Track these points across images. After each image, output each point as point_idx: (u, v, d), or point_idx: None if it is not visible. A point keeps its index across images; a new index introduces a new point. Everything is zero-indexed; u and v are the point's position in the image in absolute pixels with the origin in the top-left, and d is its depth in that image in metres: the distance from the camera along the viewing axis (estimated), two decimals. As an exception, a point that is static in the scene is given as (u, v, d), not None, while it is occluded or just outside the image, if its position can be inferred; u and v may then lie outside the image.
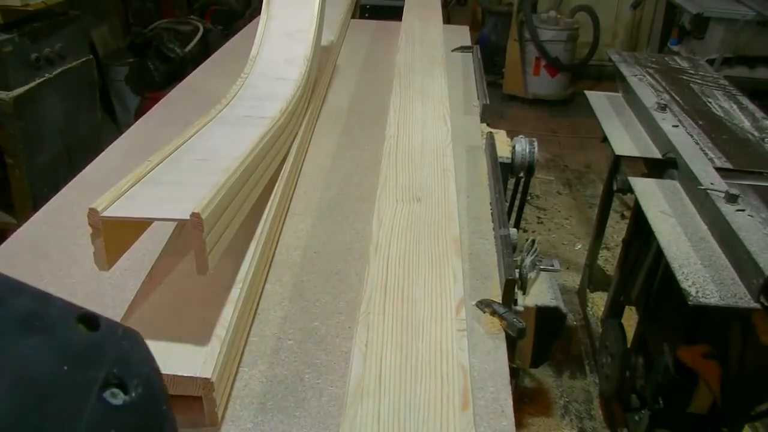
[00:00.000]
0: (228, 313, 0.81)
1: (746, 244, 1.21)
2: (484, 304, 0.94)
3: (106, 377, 0.30)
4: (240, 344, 0.85)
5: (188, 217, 0.71)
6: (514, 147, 1.47)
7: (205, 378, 0.71)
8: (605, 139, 1.89)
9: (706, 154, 1.61)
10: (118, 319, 0.78)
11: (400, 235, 1.00)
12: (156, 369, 0.33)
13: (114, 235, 0.75)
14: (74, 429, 0.28)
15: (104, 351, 0.31)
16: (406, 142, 1.29)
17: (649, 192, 1.54)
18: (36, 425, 0.27)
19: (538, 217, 3.42)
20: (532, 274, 1.10)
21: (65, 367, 0.30)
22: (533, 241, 1.14)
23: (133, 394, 0.31)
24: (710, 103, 1.99)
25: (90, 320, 0.31)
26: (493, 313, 0.92)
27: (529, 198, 3.30)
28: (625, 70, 2.21)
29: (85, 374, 0.30)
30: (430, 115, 1.41)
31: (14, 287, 0.31)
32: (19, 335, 0.30)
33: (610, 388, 2.05)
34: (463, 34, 2.33)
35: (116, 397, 0.30)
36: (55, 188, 1.23)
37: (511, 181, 1.63)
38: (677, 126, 1.74)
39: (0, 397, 0.27)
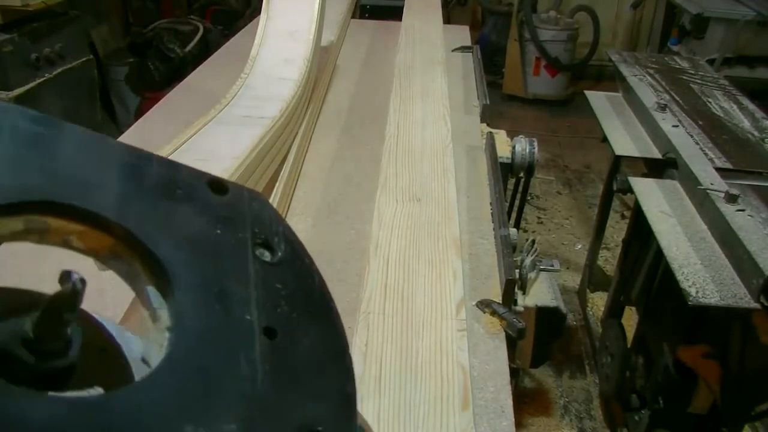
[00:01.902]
0: (228, 313, 0.80)
1: (746, 244, 1.21)
2: (484, 304, 0.94)
3: (253, 237, 0.31)
4: (240, 344, 0.84)
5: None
6: (514, 147, 1.47)
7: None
8: (605, 139, 1.89)
9: (706, 154, 1.61)
10: (117, 320, 0.78)
11: (400, 235, 1.00)
12: (288, 227, 0.34)
13: (114, 235, 0.75)
14: (250, 285, 0.29)
15: (241, 212, 0.32)
16: (406, 142, 1.29)
17: (649, 192, 1.54)
18: (219, 287, 0.29)
19: (538, 217, 3.42)
20: (532, 274, 1.10)
21: (218, 231, 0.31)
22: (533, 241, 1.14)
23: (279, 252, 0.32)
24: (710, 103, 1.99)
25: (218, 185, 0.32)
26: (493, 313, 0.92)
27: (529, 198, 3.30)
28: (625, 70, 2.21)
29: (235, 236, 0.31)
30: (430, 115, 1.41)
31: (143, 155, 0.33)
32: (170, 202, 0.31)
33: (610, 388, 2.05)
34: (463, 34, 2.33)
35: (265, 256, 0.32)
36: (55, 188, 1.23)
37: (511, 181, 1.63)
38: (677, 126, 1.74)
39: (186, 260, 0.29)
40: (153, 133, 1.46)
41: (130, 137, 1.46)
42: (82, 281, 0.27)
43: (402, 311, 0.84)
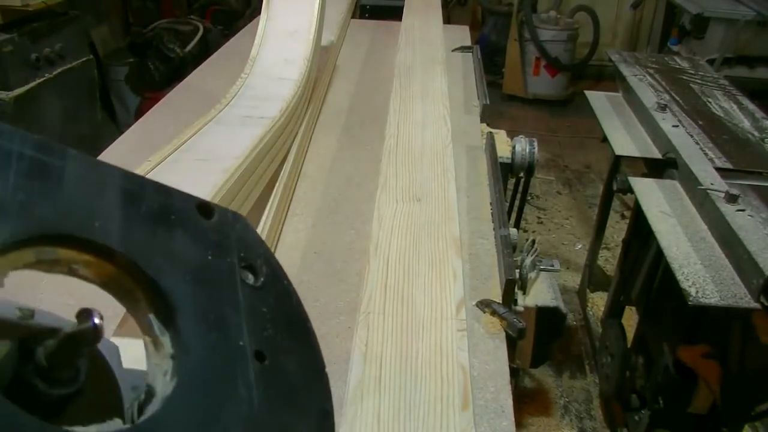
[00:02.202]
0: (228, 313, 0.80)
1: (746, 244, 1.21)
2: (484, 304, 0.94)
3: (239, 261, 0.32)
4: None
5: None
6: (514, 147, 1.47)
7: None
8: (605, 139, 1.89)
9: (706, 154, 1.61)
10: (117, 321, 0.78)
11: (400, 235, 1.00)
12: (268, 249, 0.34)
13: (114, 235, 0.74)
14: (240, 311, 0.30)
15: (228, 235, 0.33)
16: (406, 142, 1.29)
17: (649, 192, 1.54)
18: (216, 314, 0.30)
19: (538, 217, 3.42)
20: (532, 274, 1.10)
21: (209, 257, 0.32)
22: (533, 241, 1.14)
23: (261, 276, 0.33)
24: (710, 103, 1.99)
25: (205, 208, 0.33)
26: (493, 313, 0.92)
27: (529, 198, 3.30)
28: (625, 70, 2.21)
29: (224, 261, 0.32)
30: (430, 115, 1.41)
31: (137, 180, 0.33)
32: (165, 229, 0.32)
33: (610, 388, 2.05)
34: (463, 34, 2.33)
35: (249, 279, 0.32)
36: (55, 188, 1.22)
37: (511, 181, 1.62)
38: (677, 126, 1.74)
39: (184, 289, 0.30)
40: (153, 133, 1.46)
41: (130, 137, 1.46)
42: (102, 318, 0.28)
43: (402, 311, 0.84)
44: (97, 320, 0.27)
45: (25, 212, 0.28)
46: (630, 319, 2.27)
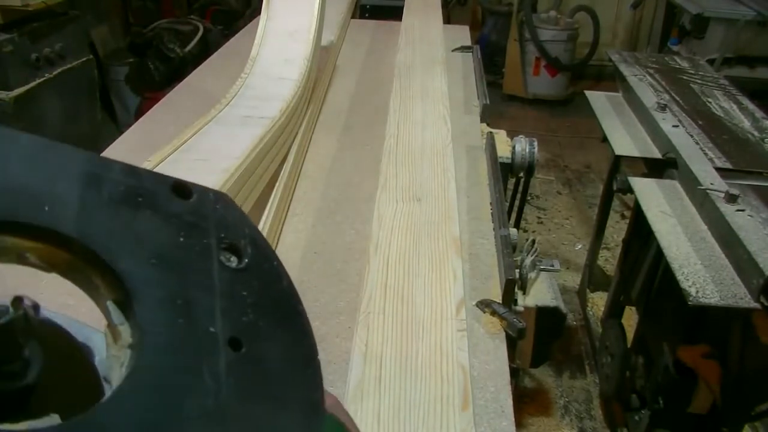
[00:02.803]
0: (228, 313, 0.80)
1: (746, 244, 1.21)
2: (484, 304, 0.94)
3: (217, 242, 0.30)
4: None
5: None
6: (514, 147, 1.47)
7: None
8: (605, 139, 1.89)
9: (706, 154, 1.61)
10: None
11: (400, 235, 1.00)
12: (255, 228, 0.33)
13: (114, 235, 0.75)
14: (214, 295, 0.28)
15: (205, 216, 0.31)
16: (406, 142, 1.29)
17: (649, 192, 1.54)
18: (182, 299, 0.28)
19: (538, 217, 3.42)
20: (532, 274, 1.10)
21: (181, 239, 0.30)
22: (533, 241, 1.14)
23: (245, 257, 0.31)
24: (710, 103, 1.99)
25: (182, 189, 0.32)
26: (493, 313, 0.92)
27: (529, 198, 3.30)
28: (625, 70, 2.21)
29: (199, 242, 0.30)
30: (430, 115, 1.41)
31: (103, 163, 0.32)
32: (130, 211, 0.30)
33: (610, 388, 2.05)
34: (463, 34, 2.33)
35: (231, 261, 0.31)
36: (55, 188, 1.22)
37: (511, 181, 1.62)
38: (677, 126, 1.74)
39: (147, 273, 0.28)
40: (153, 133, 1.46)
41: (130, 137, 1.46)
42: (35, 307, 0.26)
43: (402, 311, 0.84)
44: (28, 304, 0.26)
45: None
46: (630, 319, 2.27)
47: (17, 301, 0.26)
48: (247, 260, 0.31)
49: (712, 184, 1.42)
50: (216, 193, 0.33)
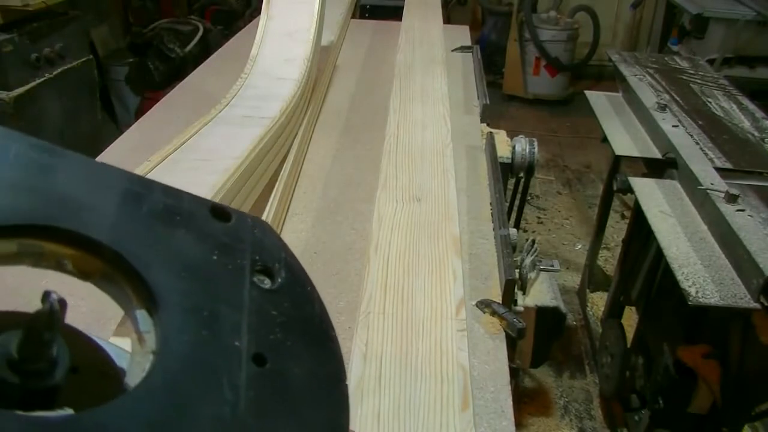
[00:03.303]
0: (228, 313, 0.80)
1: (746, 244, 1.21)
2: (484, 304, 0.94)
3: (252, 264, 0.32)
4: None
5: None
6: (514, 147, 1.47)
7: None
8: (605, 139, 1.89)
9: (706, 154, 1.61)
10: (117, 321, 0.78)
11: (400, 235, 1.00)
12: (291, 254, 0.34)
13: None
14: (243, 312, 0.29)
15: (242, 239, 0.33)
16: (406, 142, 1.29)
17: (649, 192, 1.54)
18: (213, 310, 0.29)
19: (538, 217, 3.42)
20: (532, 274, 1.10)
21: (215, 257, 0.32)
22: (533, 241, 1.14)
23: (279, 279, 0.32)
24: (710, 103, 1.99)
25: (221, 212, 0.33)
26: (493, 313, 0.92)
27: (529, 198, 3.30)
28: (625, 70, 2.21)
29: (233, 262, 0.32)
30: (430, 115, 1.41)
31: (145, 182, 0.34)
32: (167, 228, 0.32)
33: (610, 388, 2.05)
34: (463, 34, 2.33)
35: (264, 282, 0.32)
36: (55, 188, 1.22)
37: (511, 181, 1.62)
38: (677, 126, 1.74)
39: (177, 285, 0.29)
40: (153, 133, 1.46)
41: (130, 137, 1.46)
42: (61, 301, 0.27)
43: (402, 311, 0.84)
44: (54, 298, 0.27)
45: (10, 203, 0.29)
46: (630, 319, 2.27)
47: (45, 295, 0.27)
48: (279, 282, 0.32)
49: (712, 184, 1.42)
50: (254, 219, 0.35)
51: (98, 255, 0.30)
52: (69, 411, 0.27)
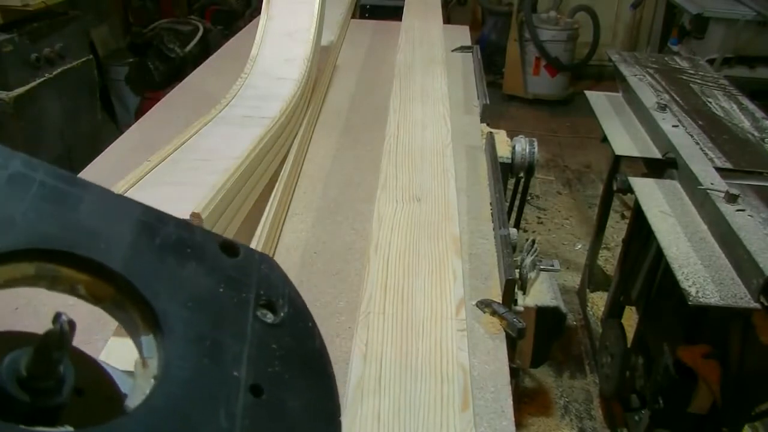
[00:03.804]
0: (228, 313, 0.80)
1: (746, 244, 1.21)
2: (484, 304, 0.94)
3: (256, 298, 0.33)
4: (240, 344, 0.84)
5: (188, 218, 0.71)
6: (514, 147, 1.47)
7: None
8: (605, 139, 1.89)
9: (706, 154, 1.61)
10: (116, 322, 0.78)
11: (400, 235, 1.00)
12: (295, 290, 0.36)
13: (114, 235, 0.75)
14: (244, 343, 0.31)
15: (248, 274, 0.34)
16: (406, 142, 1.29)
17: (649, 192, 1.54)
18: (215, 340, 0.30)
19: (538, 217, 3.42)
20: (532, 274, 1.10)
21: (221, 289, 0.33)
22: (533, 241, 1.14)
23: (282, 314, 0.34)
24: (710, 103, 1.99)
25: (230, 247, 0.35)
26: (493, 313, 0.92)
27: (529, 198, 3.30)
28: (625, 70, 2.21)
29: (238, 295, 0.33)
30: (430, 115, 1.41)
31: (159, 215, 0.35)
32: (177, 259, 0.33)
33: (610, 388, 2.05)
34: (463, 34, 2.33)
35: (267, 316, 0.33)
36: (55, 188, 1.22)
37: (511, 181, 1.62)
38: (677, 126, 1.74)
39: (182, 315, 0.31)
40: (153, 133, 1.46)
41: (130, 137, 1.46)
42: (71, 323, 0.28)
43: (402, 311, 0.84)
44: (64, 320, 0.28)
45: (31, 228, 0.30)
46: (630, 319, 2.27)
47: (56, 316, 0.28)
48: (282, 317, 0.33)
49: (712, 184, 1.42)
50: (262, 255, 0.36)
51: (110, 282, 0.32)
52: (69, 429, 0.28)
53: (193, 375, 0.29)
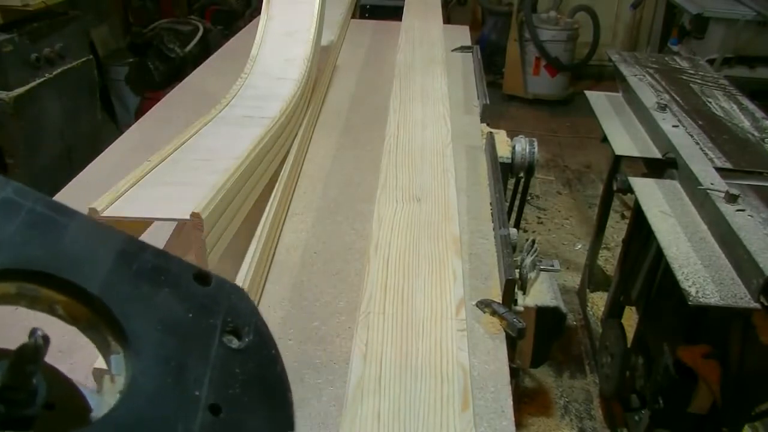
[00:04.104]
0: (228, 313, 0.80)
1: (746, 244, 1.21)
2: (484, 304, 0.94)
3: (223, 324, 0.36)
4: (240, 344, 0.85)
5: (188, 217, 0.71)
6: (514, 147, 1.47)
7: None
8: (605, 139, 1.89)
9: (706, 154, 1.61)
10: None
11: (400, 235, 1.00)
12: (261, 319, 0.38)
13: (114, 235, 0.75)
14: (207, 365, 0.33)
15: (218, 302, 0.37)
16: (406, 142, 1.29)
17: (649, 192, 1.54)
18: (180, 361, 0.33)
19: (538, 217, 3.42)
20: (532, 274, 1.10)
21: (191, 315, 0.36)
22: (533, 241, 1.14)
23: (246, 340, 0.36)
24: (710, 103, 1.99)
25: (203, 277, 0.38)
26: (493, 313, 0.92)
27: (529, 198, 3.30)
28: (625, 70, 2.21)
29: (206, 321, 0.36)
30: (430, 115, 1.41)
31: (139, 245, 0.38)
32: (152, 286, 0.36)
33: (610, 388, 2.05)
34: (463, 34, 2.33)
35: (232, 342, 0.36)
36: (55, 188, 1.23)
37: (511, 181, 1.62)
38: (677, 126, 1.74)
39: (152, 336, 0.33)
40: (153, 133, 1.46)
41: (130, 137, 1.46)
42: (45, 338, 0.30)
43: (402, 311, 0.84)
44: (39, 335, 0.30)
45: (16, 250, 0.33)
46: (630, 319, 2.27)
47: (32, 331, 0.30)
48: (246, 343, 0.36)
49: (712, 184, 1.42)
50: (233, 286, 0.39)
51: (87, 304, 0.34)
52: None
53: (156, 391, 0.31)
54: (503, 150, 1.46)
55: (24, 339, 0.30)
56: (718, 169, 1.51)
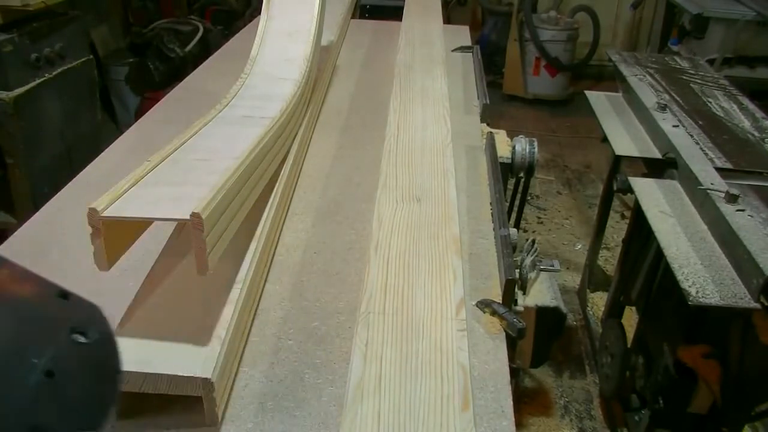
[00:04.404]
0: (228, 314, 0.81)
1: (746, 244, 1.21)
2: (484, 304, 0.94)
3: (73, 326, 0.43)
4: (240, 344, 0.85)
5: (188, 217, 0.71)
6: (514, 147, 1.47)
7: (205, 378, 0.71)
8: (605, 139, 1.89)
9: (706, 154, 1.61)
10: (117, 320, 0.78)
11: (400, 235, 1.00)
12: (108, 327, 0.45)
13: (114, 235, 0.75)
14: (50, 346, 0.40)
15: (75, 312, 0.44)
16: (406, 142, 1.29)
17: (649, 192, 1.54)
18: (26, 337, 0.40)
19: (538, 217, 3.42)
20: (532, 274, 1.10)
21: (42, 312, 0.43)
22: (533, 241, 1.14)
23: (91, 339, 0.43)
24: (710, 103, 1.99)
25: (64, 294, 0.45)
26: (493, 313, 0.92)
27: (529, 198, 3.30)
28: (625, 70, 2.21)
29: (58, 318, 0.43)
30: (430, 115, 1.41)
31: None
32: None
33: (610, 388, 2.05)
34: (463, 34, 2.33)
35: (79, 338, 0.43)
36: (55, 188, 1.23)
37: (511, 181, 1.62)
38: (677, 126, 1.74)
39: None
40: (153, 133, 1.46)
41: (130, 137, 1.46)
42: None
43: (402, 311, 0.84)
44: None
45: None
46: (630, 319, 2.27)
47: None
48: (89, 339, 0.43)
49: (712, 184, 1.42)
50: (91, 304, 0.46)
51: None
52: None
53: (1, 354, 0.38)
54: (503, 150, 1.46)
55: None
56: (718, 169, 1.51)
